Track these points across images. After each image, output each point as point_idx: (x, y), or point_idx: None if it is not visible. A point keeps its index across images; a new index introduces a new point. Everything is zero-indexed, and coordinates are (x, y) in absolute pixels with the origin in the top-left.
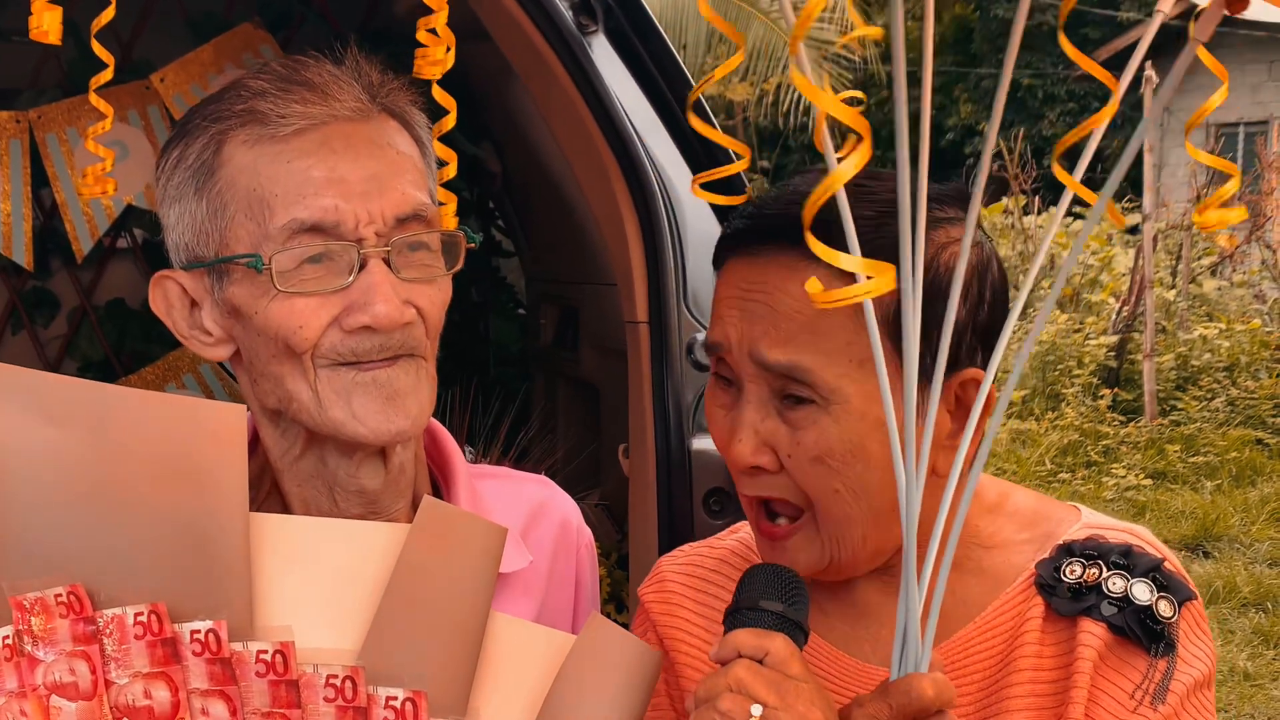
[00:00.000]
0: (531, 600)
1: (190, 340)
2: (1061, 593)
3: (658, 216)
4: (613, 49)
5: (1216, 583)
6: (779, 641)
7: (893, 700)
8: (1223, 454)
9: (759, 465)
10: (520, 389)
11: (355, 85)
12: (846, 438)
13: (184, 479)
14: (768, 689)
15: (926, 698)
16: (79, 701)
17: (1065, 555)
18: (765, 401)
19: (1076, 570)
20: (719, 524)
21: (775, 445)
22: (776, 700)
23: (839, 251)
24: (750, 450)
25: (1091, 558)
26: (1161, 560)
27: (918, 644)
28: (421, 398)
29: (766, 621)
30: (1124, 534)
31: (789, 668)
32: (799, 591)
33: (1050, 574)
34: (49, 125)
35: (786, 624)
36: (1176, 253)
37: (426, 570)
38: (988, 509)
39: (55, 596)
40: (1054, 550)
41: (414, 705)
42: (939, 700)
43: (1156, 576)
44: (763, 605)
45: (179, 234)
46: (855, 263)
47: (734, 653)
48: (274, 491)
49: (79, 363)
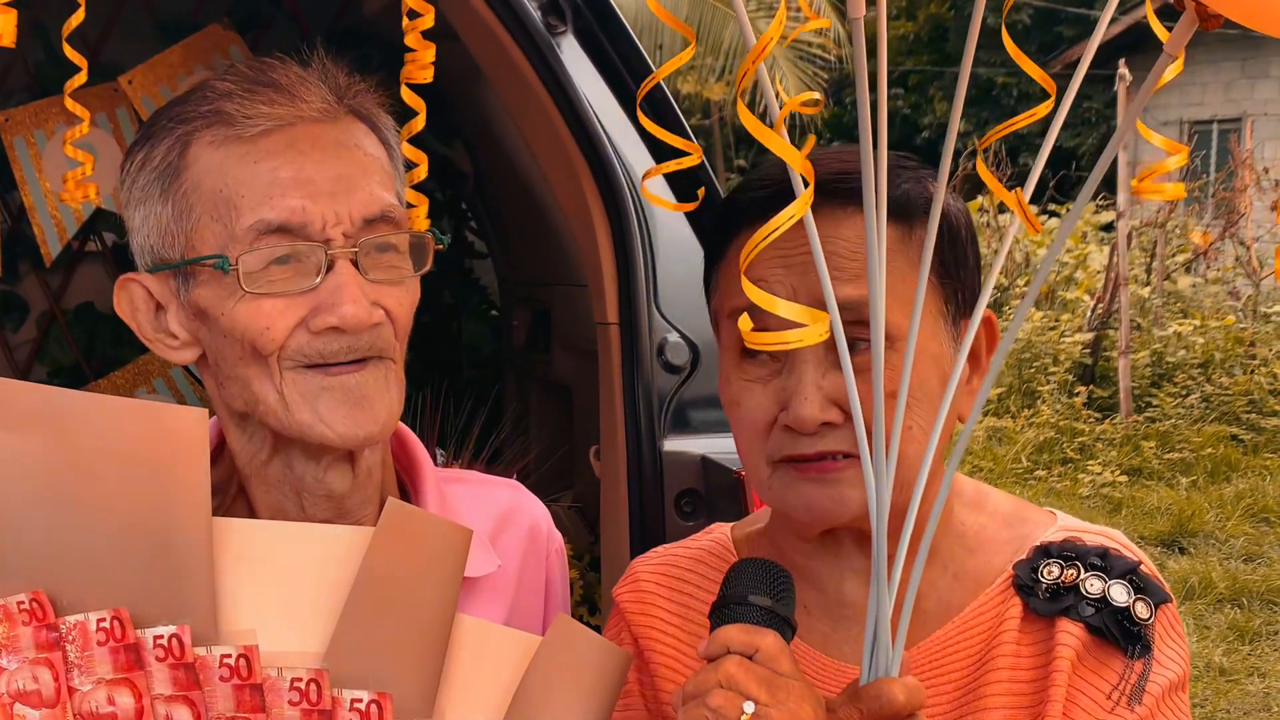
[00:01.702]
0: (501, 605)
1: (156, 344)
2: (1039, 593)
3: (627, 218)
4: (581, 49)
5: (1192, 578)
6: (770, 638)
7: (863, 705)
8: (1198, 450)
9: (828, 420)
10: (492, 391)
11: (322, 87)
12: (916, 374)
13: (146, 483)
14: (759, 685)
15: (897, 703)
16: (43, 709)
17: (1043, 556)
18: (822, 358)
19: (1054, 571)
20: (690, 525)
21: (838, 398)
22: (768, 697)
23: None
24: (818, 408)
25: (1069, 559)
26: (1138, 563)
27: (888, 648)
28: (390, 401)
29: (754, 616)
30: (1101, 537)
31: (779, 664)
32: (786, 586)
33: (1028, 575)
34: (16, 128)
35: (775, 619)
36: (1151, 250)
37: (391, 572)
38: (969, 504)
39: (18, 604)
40: (1031, 551)
41: (379, 707)
42: (910, 705)
43: (1134, 579)
44: (751, 600)
45: (144, 236)
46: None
47: (723, 648)
48: (240, 496)
49: (48, 367)
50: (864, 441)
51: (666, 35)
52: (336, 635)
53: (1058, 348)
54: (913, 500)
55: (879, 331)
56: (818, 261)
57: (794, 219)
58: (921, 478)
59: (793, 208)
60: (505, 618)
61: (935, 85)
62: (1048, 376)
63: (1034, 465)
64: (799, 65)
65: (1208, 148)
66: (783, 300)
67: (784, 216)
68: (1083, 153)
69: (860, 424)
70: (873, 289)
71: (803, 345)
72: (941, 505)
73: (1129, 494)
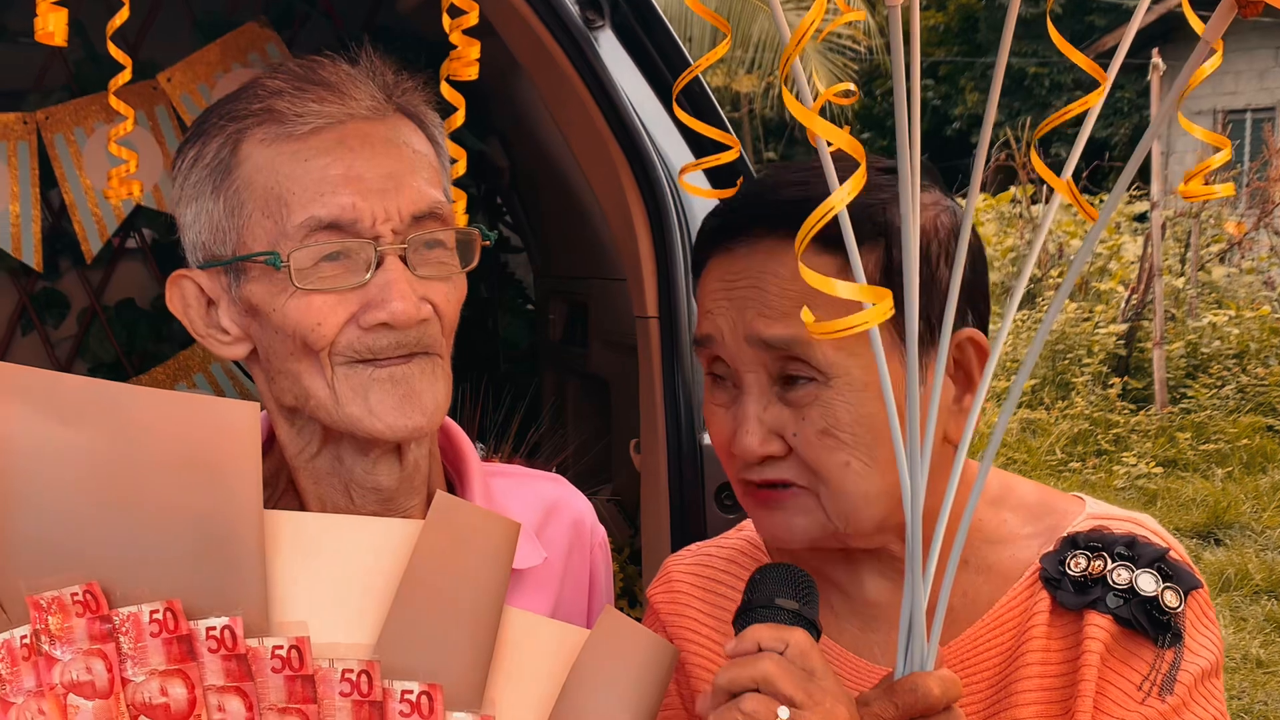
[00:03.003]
0: (546, 598)
1: (207, 339)
2: (1066, 586)
3: (666, 211)
4: (619, 44)
5: (1228, 570)
6: (799, 634)
7: (898, 699)
8: (1233, 441)
9: (768, 454)
10: (530, 385)
11: (371, 84)
12: (852, 410)
13: (198, 476)
14: (795, 686)
15: (933, 696)
16: (96, 700)
17: (1070, 548)
18: (765, 390)
19: (1081, 563)
20: (731, 518)
21: (781, 430)
22: (804, 698)
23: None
24: (758, 441)
25: (1096, 550)
26: (1166, 550)
27: (923, 642)
28: (438, 394)
29: (782, 619)
30: (1128, 524)
31: (810, 660)
32: (811, 589)
33: (1055, 567)
34: (56, 126)
35: (802, 621)
36: (1185, 240)
37: (440, 564)
38: (991, 501)
39: (71, 595)
40: (1058, 543)
41: (429, 699)
42: (945, 698)
43: (1162, 567)
44: (778, 603)
45: (196, 233)
46: (854, 290)
47: (754, 646)
48: (290, 490)
49: (89, 363)
50: (899, 443)
51: (695, 28)
52: (387, 627)
53: (1092, 339)
54: (947, 497)
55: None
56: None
57: (850, 197)
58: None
59: (848, 186)
60: (550, 610)
61: (966, 76)
62: (1082, 368)
63: (1068, 457)
64: (829, 57)
65: (1242, 137)
66: (840, 281)
67: (837, 198)
68: (1115, 142)
69: None
70: (908, 285)
71: (868, 327)
72: (973, 507)
73: (1164, 486)
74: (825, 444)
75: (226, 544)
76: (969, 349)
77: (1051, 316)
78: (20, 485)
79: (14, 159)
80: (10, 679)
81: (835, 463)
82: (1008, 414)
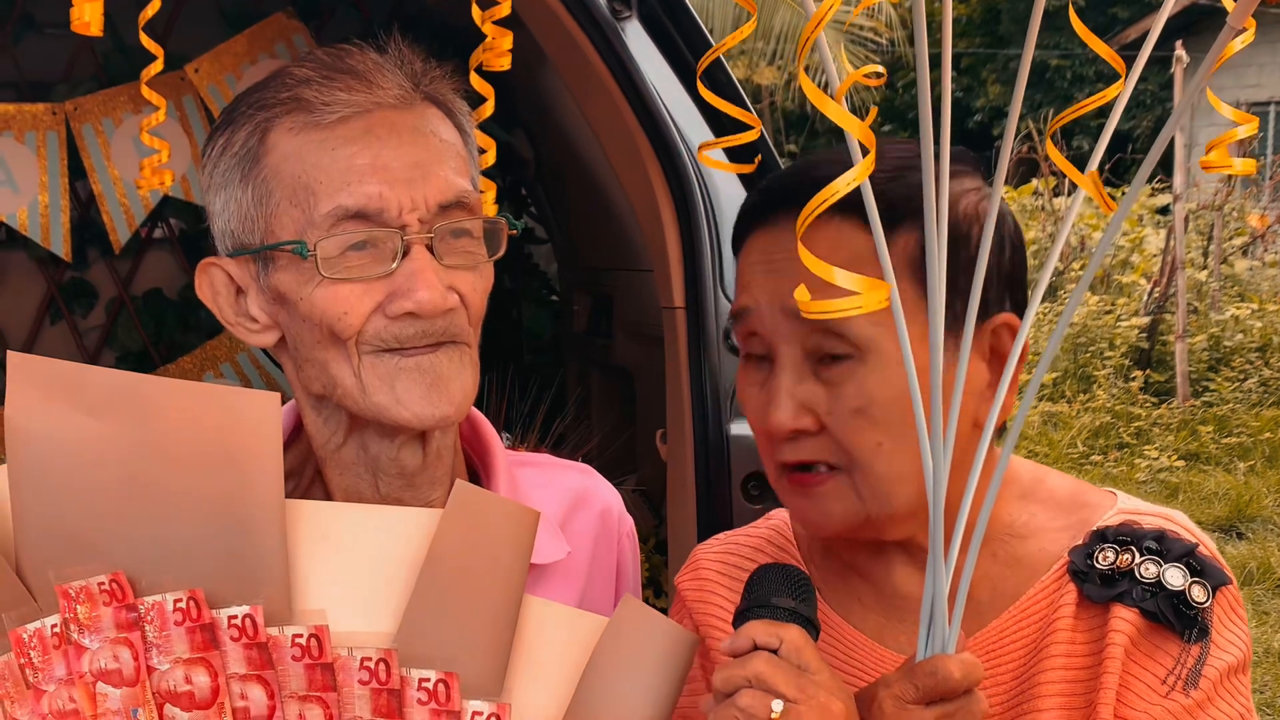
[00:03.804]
0: (572, 590)
1: (236, 327)
2: (1093, 579)
3: (693, 201)
4: (646, 34)
5: (1251, 564)
6: (794, 631)
7: (919, 681)
8: (1256, 435)
9: (800, 428)
10: (555, 376)
11: (398, 73)
12: (887, 388)
13: (220, 467)
14: (787, 682)
15: (954, 679)
16: (123, 688)
17: (1099, 541)
18: (799, 365)
19: (1109, 556)
20: (758, 509)
21: (814, 406)
22: (797, 693)
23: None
24: (790, 415)
25: (1124, 544)
26: (1195, 545)
27: (944, 625)
28: (465, 383)
29: (779, 618)
30: (1159, 519)
31: (804, 656)
32: (808, 588)
33: (1083, 561)
34: (85, 117)
35: (799, 619)
36: (1208, 233)
37: (459, 553)
38: (1020, 495)
39: (99, 585)
40: (1087, 537)
41: (446, 687)
42: (966, 681)
43: (1190, 561)
44: (774, 602)
45: (224, 221)
46: (850, 279)
47: (749, 643)
48: (317, 479)
49: (117, 353)
50: (923, 426)
51: (716, 20)
52: (406, 615)
53: (1114, 332)
54: (969, 485)
55: (938, 326)
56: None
57: (854, 183)
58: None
59: (853, 173)
60: (577, 602)
61: (988, 68)
62: (1104, 361)
63: (1090, 450)
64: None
65: (1265, 129)
66: (840, 270)
67: (843, 181)
68: (1138, 135)
69: None
70: (931, 280)
71: (861, 312)
72: (994, 493)
73: (1186, 479)
74: (858, 424)
75: (248, 534)
76: (1004, 335)
77: (1072, 307)
78: (47, 476)
79: (43, 149)
80: (42, 667)
81: (868, 443)
82: (1027, 405)
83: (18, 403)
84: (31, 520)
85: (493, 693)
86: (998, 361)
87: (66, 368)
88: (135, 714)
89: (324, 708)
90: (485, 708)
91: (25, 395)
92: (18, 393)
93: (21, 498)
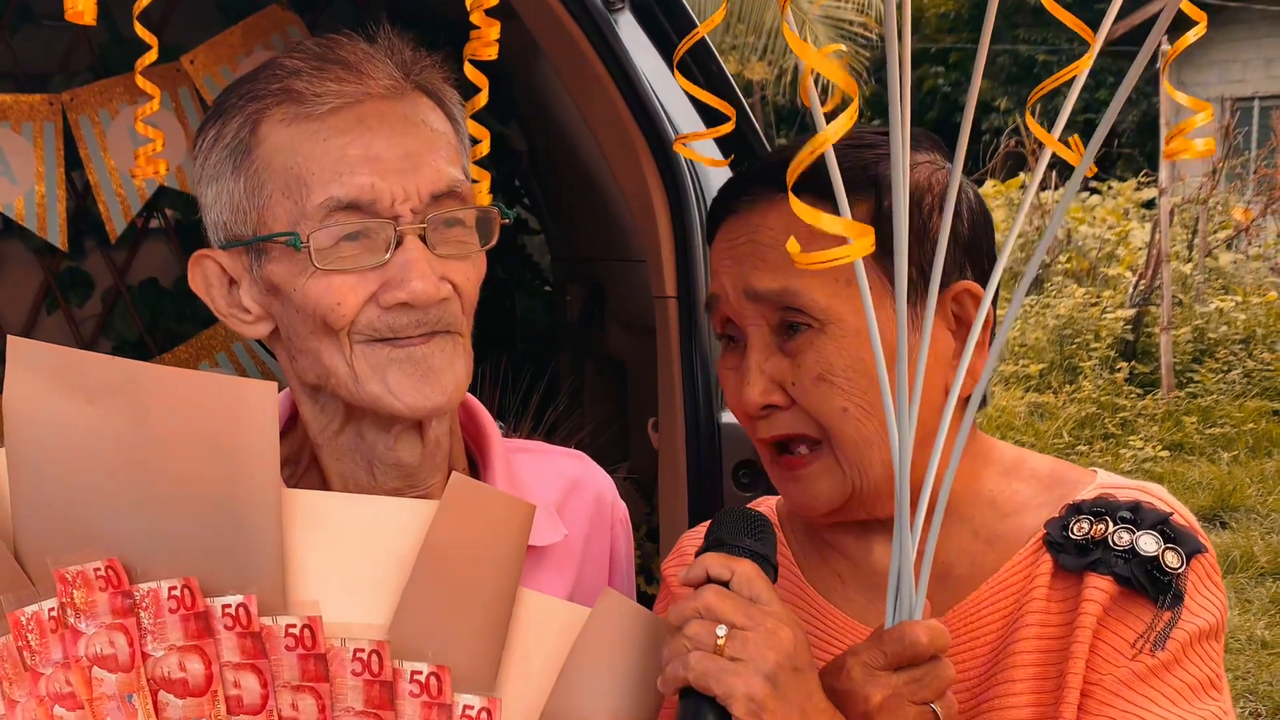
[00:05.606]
0: (567, 575)
1: (230, 318)
2: (1069, 549)
3: (685, 192)
4: (639, 25)
5: (1234, 553)
6: (745, 564)
7: (887, 648)
8: (1239, 425)
9: (770, 403)
10: (548, 366)
11: (389, 63)
12: (847, 355)
13: (215, 455)
14: (735, 610)
15: (920, 644)
16: (118, 674)
17: (1074, 513)
18: (767, 343)
19: (1084, 526)
20: (748, 496)
21: (781, 379)
22: (745, 620)
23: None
24: (759, 391)
25: (1099, 514)
26: (1170, 514)
27: (910, 592)
28: (457, 373)
29: (736, 554)
30: (1135, 491)
31: (755, 587)
32: (766, 529)
33: (1059, 532)
34: (81, 107)
35: (755, 557)
36: (1193, 227)
37: (454, 546)
38: (1003, 473)
39: (94, 570)
40: (1064, 509)
41: (438, 679)
42: (932, 646)
43: (1164, 529)
44: (731, 540)
45: (217, 213)
46: (838, 224)
47: (703, 574)
48: (313, 467)
49: (113, 342)
50: (887, 395)
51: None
52: (400, 607)
53: (1100, 324)
54: (932, 457)
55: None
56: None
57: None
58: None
59: (841, 120)
60: (571, 587)
61: None
62: (1089, 352)
63: (1075, 440)
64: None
65: (1249, 125)
66: (827, 215)
67: (833, 129)
68: (1122, 130)
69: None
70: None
71: (851, 259)
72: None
73: (1170, 469)
74: (821, 390)
75: (242, 523)
76: (967, 301)
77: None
78: (44, 461)
79: (40, 140)
80: (39, 650)
81: (833, 409)
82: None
83: (17, 387)
84: (29, 504)
85: (484, 686)
86: (963, 330)
87: (65, 354)
88: (130, 699)
89: (316, 698)
90: (476, 702)
91: (24, 380)
92: (17, 377)
93: (19, 482)
